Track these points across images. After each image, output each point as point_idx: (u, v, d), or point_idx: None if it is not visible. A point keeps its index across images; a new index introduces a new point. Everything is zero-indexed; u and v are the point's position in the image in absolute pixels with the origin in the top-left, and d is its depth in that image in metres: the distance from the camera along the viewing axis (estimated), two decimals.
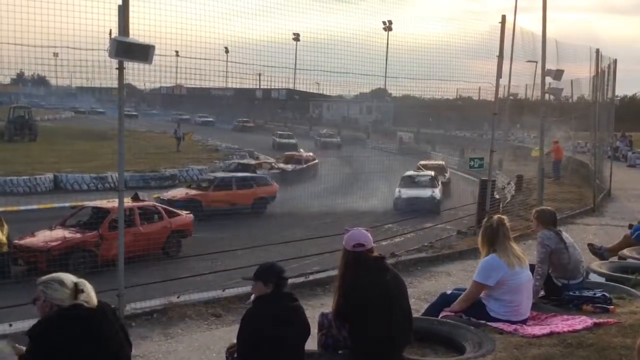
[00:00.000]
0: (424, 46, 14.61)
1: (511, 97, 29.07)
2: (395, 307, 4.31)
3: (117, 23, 6.65)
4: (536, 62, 16.70)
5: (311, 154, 34.66)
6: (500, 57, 12.45)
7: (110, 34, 6.61)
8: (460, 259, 10.17)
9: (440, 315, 5.23)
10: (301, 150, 36.29)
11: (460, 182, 28.68)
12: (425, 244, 12.29)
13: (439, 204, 22.40)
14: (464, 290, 5.40)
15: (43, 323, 3.37)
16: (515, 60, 16.93)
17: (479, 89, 18.52)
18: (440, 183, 25.04)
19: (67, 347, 3.27)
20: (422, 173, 25.76)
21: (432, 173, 25.69)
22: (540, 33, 14.76)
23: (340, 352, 4.45)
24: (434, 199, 22.63)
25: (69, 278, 3.49)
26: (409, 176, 25.01)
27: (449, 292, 5.62)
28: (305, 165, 31.51)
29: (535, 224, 6.25)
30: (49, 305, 3.38)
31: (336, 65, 13.33)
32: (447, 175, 27.95)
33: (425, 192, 22.98)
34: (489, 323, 5.06)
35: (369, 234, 4.45)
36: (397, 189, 23.58)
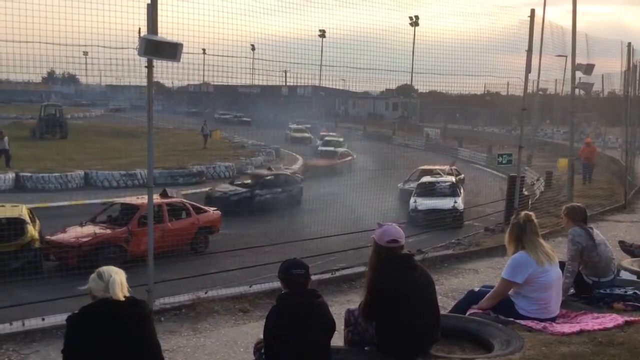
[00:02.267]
0: (451, 41, 14.49)
1: (540, 92, 28.69)
2: (423, 304, 4.30)
3: (146, 22, 6.73)
4: (566, 56, 16.49)
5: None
6: (530, 51, 12.28)
7: (139, 32, 6.70)
8: (488, 256, 10.07)
9: (468, 313, 5.20)
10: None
11: (488, 178, 28.36)
12: (452, 241, 12.19)
13: (462, 216, 18.88)
14: (492, 287, 5.36)
15: (77, 312, 3.59)
16: (545, 55, 16.64)
17: (508, 84, 18.27)
18: (462, 191, 21.46)
19: (91, 335, 3.46)
20: (441, 179, 21.93)
21: (453, 179, 22.09)
22: (570, 27, 14.54)
23: (366, 348, 4.46)
24: (456, 211, 18.95)
25: (109, 271, 3.60)
26: (426, 183, 21.39)
27: (476, 289, 5.59)
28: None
29: (565, 221, 6.17)
30: (91, 295, 3.58)
31: (362, 61, 13.29)
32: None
33: (446, 203, 19.36)
34: (517, 321, 5.02)
35: (402, 231, 4.43)
36: (412, 199, 20.14)
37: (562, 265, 5.58)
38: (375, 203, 20.24)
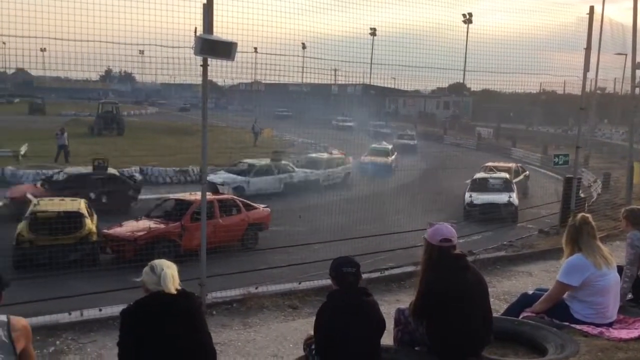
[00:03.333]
0: (505, 39, 14.20)
1: (599, 91, 27.82)
2: (475, 306, 4.24)
3: (202, 21, 6.86)
4: (626, 54, 15.90)
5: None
6: (588, 49, 11.91)
7: (195, 32, 6.82)
8: (542, 259, 9.83)
9: (521, 316, 5.10)
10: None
11: (543, 179, 27.66)
12: (505, 242, 11.97)
13: (517, 211, 19.37)
14: (546, 290, 5.24)
15: (131, 305, 3.70)
16: (604, 53, 16.12)
17: (564, 82, 17.73)
18: (515, 187, 21.75)
19: (145, 328, 3.57)
20: (495, 175, 22.51)
21: (507, 175, 22.64)
22: (630, 24, 14.03)
23: (416, 348, 4.43)
24: (511, 205, 19.56)
25: (161, 265, 3.70)
26: (481, 179, 22.03)
27: (530, 292, 5.47)
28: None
29: (624, 224, 5.96)
30: (144, 288, 3.68)
31: (413, 59, 13.16)
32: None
33: (502, 197, 19.94)
34: (572, 325, 4.90)
35: (454, 230, 4.38)
36: (467, 194, 20.72)
37: (620, 269, 5.40)
38: (423, 204, 20.12)
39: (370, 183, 26.27)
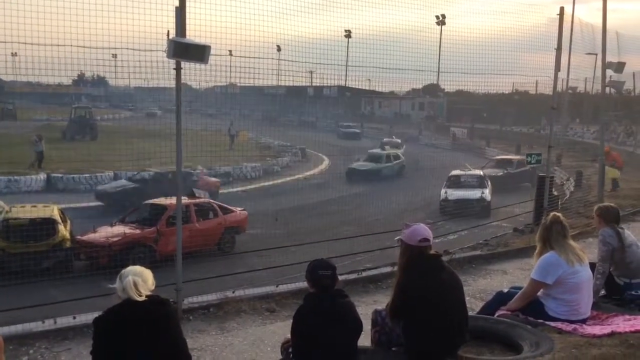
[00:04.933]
0: (478, 40, 14.39)
1: (570, 91, 28.31)
2: (451, 305, 4.27)
3: (174, 24, 6.80)
4: (596, 54, 16.19)
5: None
6: (559, 49, 12.09)
7: (168, 35, 6.77)
8: (516, 257, 9.94)
9: (497, 314, 5.16)
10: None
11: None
12: (480, 241, 12.09)
13: (489, 206, 20.27)
14: (520, 288, 5.31)
15: (102, 314, 3.70)
16: (574, 53, 16.40)
17: (536, 82, 18.04)
18: (489, 183, 22.83)
19: (116, 336, 3.57)
20: (469, 172, 23.75)
21: (481, 172, 23.87)
22: (600, 24, 14.30)
23: (393, 349, 4.45)
24: (484, 200, 20.67)
25: (127, 272, 3.66)
26: (456, 176, 23.19)
27: (505, 290, 5.54)
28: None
29: (597, 221, 6.06)
30: (117, 295, 3.67)
31: (388, 61, 13.23)
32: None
33: (475, 193, 21.17)
34: (547, 322, 4.96)
35: (430, 230, 4.40)
36: (443, 190, 21.77)
37: (592, 266, 5.49)
38: (402, 204, 20.25)
39: (349, 185, 26.39)
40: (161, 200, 15.51)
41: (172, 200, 14.44)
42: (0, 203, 14.79)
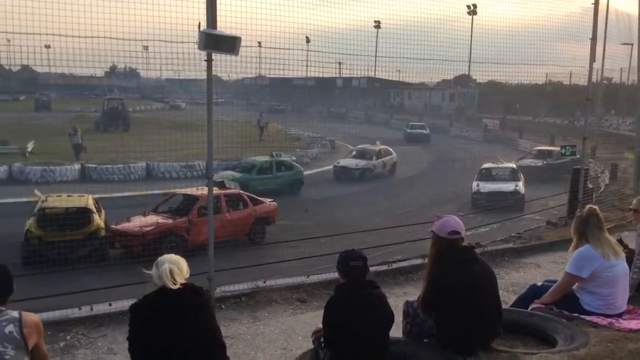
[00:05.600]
0: (510, 29, 14.15)
1: (605, 82, 27.81)
2: (484, 297, 4.24)
3: (205, 16, 6.84)
4: (632, 44, 15.81)
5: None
6: (594, 39, 11.82)
7: (199, 26, 6.80)
8: (550, 251, 9.81)
9: (530, 307, 5.11)
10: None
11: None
12: (513, 234, 11.95)
13: (523, 199, 19.69)
14: (555, 282, 5.24)
15: (139, 301, 3.74)
16: (609, 43, 16.02)
17: (570, 73, 17.68)
18: (522, 176, 22.30)
19: (152, 322, 3.61)
20: (502, 165, 23.18)
21: (514, 165, 23.43)
22: (636, 14, 13.94)
23: (425, 340, 4.44)
24: (517, 193, 20.21)
25: (163, 260, 3.72)
26: (488, 168, 22.69)
27: (539, 283, 5.47)
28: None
29: (634, 215, 5.94)
30: (153, 282, 3.70)
31: (418, 51, 13.12)
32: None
33: (508, 186, 20.74)
34: (582, 316, 4.90)
35: (461, 222, 4.37)
36: (474, 183, 21.37)
37: (629, 260, 5.39)
38: (432, 196, 20.13)
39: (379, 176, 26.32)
40: (193, 191, 15.70)
41: (203, 191, 14.73)
42: (37, 192, 15.12)
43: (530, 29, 14.05)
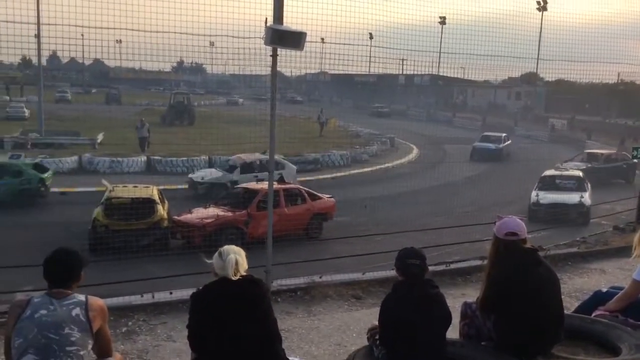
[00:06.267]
0: (581, 26, 13.69)
1: None
2: (546, 302, 4.12)
3: (272, 12, 6.92)
4: None
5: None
6: None
7: (265, 22, 6.88)
8: (616, 256, 9.40)
9: (594, 314, 4.92)
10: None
11: None
12: (577, 239, 11.54)
13: (589, 212, 17.63)
14: (621, 289, 5.04)
15: (199, 289, 3.83)
16: None
17: None
18: (589, 186, 19.91)
19: (211, 311, 3.69)
20: (567, 173, 20.95)
21: (580, 173, 20.88)
22: None
23: (483, 343, 4.35)
24: (582, 206, 17.93)
25: (228, 251, 3.80)
26: (550, 176, 20.37)
27: (604, 289, 5.27)
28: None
29: None
30: (213, 272, 3.81)
31: (483, 48, 12.89)
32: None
33: (572, 197, 18.41)
34: None
35: (523, 224, 4.27)
36: (534, 193, 19.13)
37: None
38: (494, 197, 19.68)
39: (439, 175, 25.94)
40: (253, 185, 15.94)
41: (263, 185, 14.92)
42: (105, 182, 15.73)
43: (603, 25, 13.56)
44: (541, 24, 15.43)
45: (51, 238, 12.23)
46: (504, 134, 35.40)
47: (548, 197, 18.72)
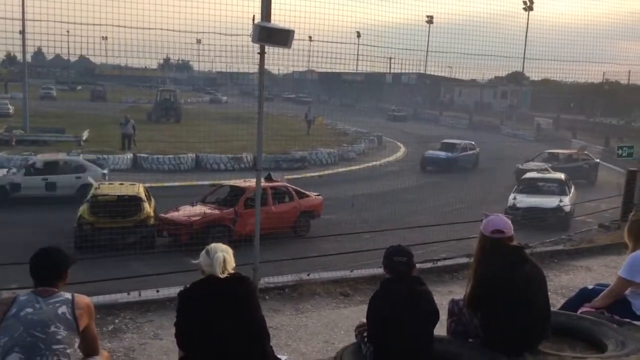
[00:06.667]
0: (568, 26, 13.81)
1: None
2: (533, 299, 4.14)
3: (259, 9, 6.90)
4: None
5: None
6: None
7: (253, 19, 6.87)
8: (601, 254, 9.52)
9: (580, 311, 4.96)
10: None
11: (604, 172, 26.76)
12: (563, 236, 11.66)
13: (568, 217, 16.77)
14: (606, 286, 5.08)
15: (187, 287, 3.81)
16: None
17: (629, 72, 17.10)
18: (573, 189, 18.97)
19: (198, 309, 3.69)
20: (549, 175, 19.60)
21: (563, 176, 19.52)
22: None
23: (470, 340, 4.37)
24: (561, 211, 16.85)
25: (215, 249, 3.78)
26: (531, 179, 19.27)
27: (590, 286, 5.31)
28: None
29: None
30: (201, 270, 3.79)
31: (470, 47, 12.95)
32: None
33: (551, 201, 17.30)
34: (634, 322, 4.73)
35: (509, 221, 4.29)
36: (511, 196, 18.14)
37: None
38: (478, 195, 19.76)
39: (424, 174, 26.04)
40: (239, 182, 15.89)
41: (251, 183, 14.89)
42: (90, 180, 15.60)
43: (589, 25, 13.67)
44: (527, 23, 15.56)
45: (35, 236, 12.15)
46: (465, 142, 31.05)
47: (525, 200, 17.53)
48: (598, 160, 24.66)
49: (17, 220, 15.12)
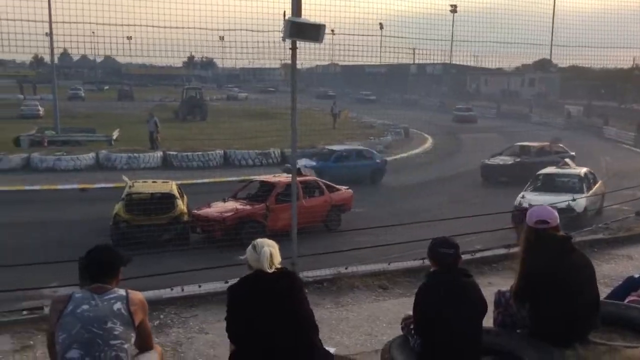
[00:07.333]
0: (596, 11, 13.57)
1: None
2: (581, 289, 4.11)
3: (289, 4, 6.90)
4: None
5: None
6: None
7: (284, 15, 6.86)
8: None
9: (627, 300, 4.90)
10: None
11: (638, 159, 26.27)
12: (600, 225, 11.48)
13: (580, 218, 14.40)
14: None
15: (236, 282, 3.86)
16: None
17: None
18: (598, 184, 17.05)
19: (247, 304, 3.73)
20: (567, 171, 17.22)
21: (584, 171, 17.13)
22: None
23: (518, 331, 4.34)
24: (572, 211, 14.31)
25: (262, 243, 3.82)
26: (547, 174, 17.07)
27: (636, 275, 5.25)
28: None
29: None
30: (248, 265, 3.83)
31: (496, 35, 12.79)
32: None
33: (562, 200, 14.32)
34: None
35: (555, 211, 4.25)
36: (520, 194, 15.99)
37: None
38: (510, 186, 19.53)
39: (453, 164, 25.84)
40: (269, 178, 15.95)
41: (281, 178, 14.94)
42: (125, 178, 15.80)
43: (618, 10, 13.39)
44: (554, 9, 15.25)
45: (73, 235, 12.40)
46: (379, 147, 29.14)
47: (533, 199, 14.62)
48: (573, 153, 23.18)
49: (45, 219, 15.37)
